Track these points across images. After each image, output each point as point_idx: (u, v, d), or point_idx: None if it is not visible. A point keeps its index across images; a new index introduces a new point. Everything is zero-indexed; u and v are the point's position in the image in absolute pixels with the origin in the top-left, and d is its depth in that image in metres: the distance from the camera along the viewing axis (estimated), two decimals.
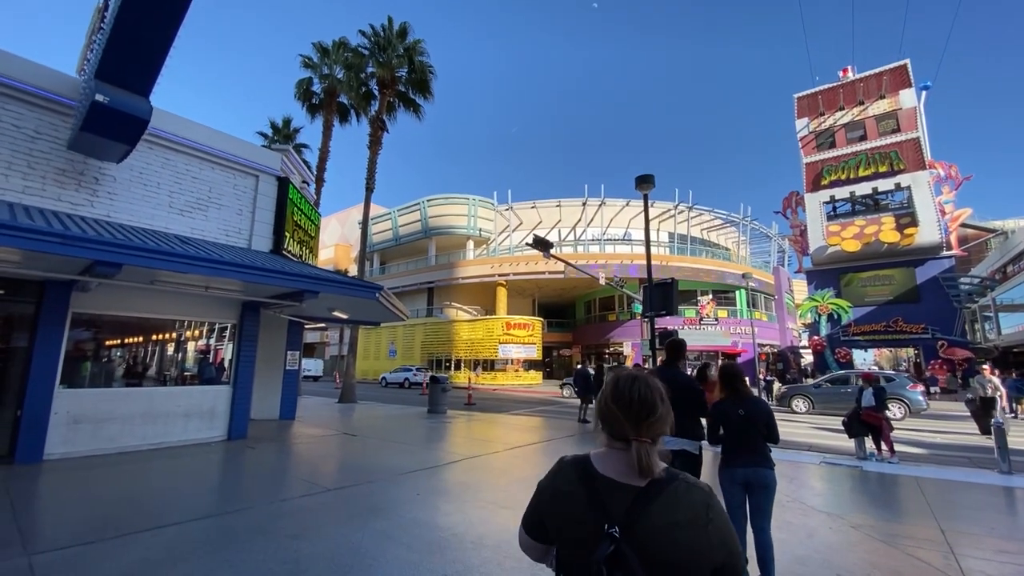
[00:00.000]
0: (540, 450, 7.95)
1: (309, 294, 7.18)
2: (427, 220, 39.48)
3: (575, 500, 1.04)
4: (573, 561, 1.03)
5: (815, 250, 40.95)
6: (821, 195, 41.42)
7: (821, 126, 42.58)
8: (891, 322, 36.73)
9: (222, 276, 6.16)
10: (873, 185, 38.63)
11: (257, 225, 8.99)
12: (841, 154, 41.24)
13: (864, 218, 38.47)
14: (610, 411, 1.09)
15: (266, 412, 10.68)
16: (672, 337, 3.89)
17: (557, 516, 1.08)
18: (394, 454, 7.31)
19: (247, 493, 5.09)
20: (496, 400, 20.32)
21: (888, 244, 37.02)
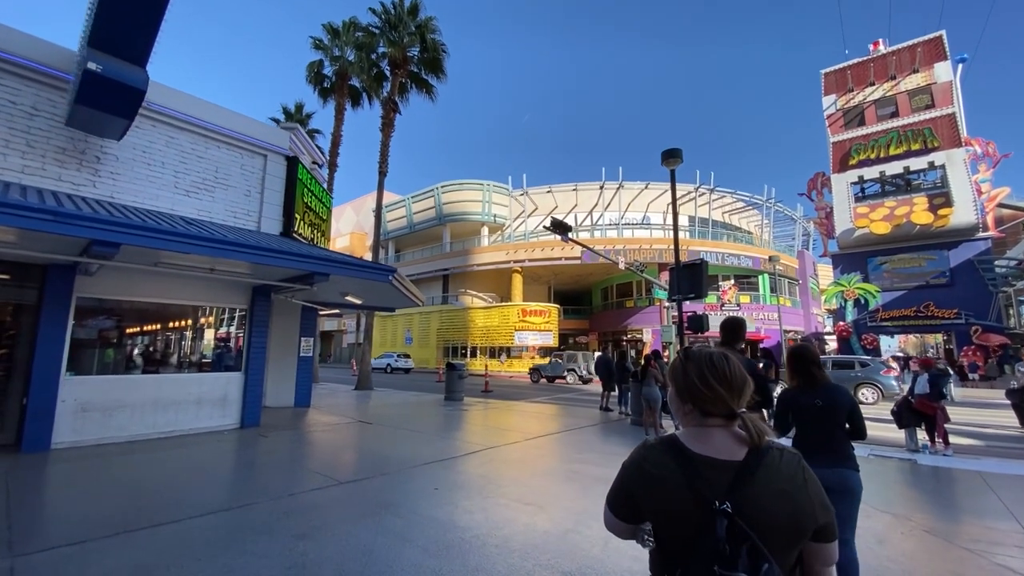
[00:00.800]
0: (562, 440, 7.53)
1: (319, 276, 6.81)
2: (441, 207, 39.05)
3: (673, 483, 1.04)
4: (677, 537, 1.04)
5: (842, 233, 39.44)
6: (849, 175, 39.77)
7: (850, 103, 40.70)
8: (922, 307, 35.31)
9: (226, 257, 5.81)
10: (905, 164, 36.88)
11: (266, 207, 8.65)
12: (871, 132, 39.45)
13: (895, 199, 36.84)
14: (707, 389, 1.09)
15: (280, 399, 10.48)
16: (731, 318, 3.35)
17: (654, 499, 1.07)
18: (410, 444, 6.98)
19: (254, 486, 4.78)
20: (513, 387, 20.00)
21: (920, 226, 35.43)
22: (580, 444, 7.17)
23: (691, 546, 0.99)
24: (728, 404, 1.08)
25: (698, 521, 0.99)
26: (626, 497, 1.13)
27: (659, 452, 1.10)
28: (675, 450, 1.08)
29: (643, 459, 1.11)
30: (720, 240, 36.20)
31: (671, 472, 1.05)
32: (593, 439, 7.69)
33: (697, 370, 1.12)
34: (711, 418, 1.10)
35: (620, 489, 1.15)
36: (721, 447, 1.06)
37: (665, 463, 1.07)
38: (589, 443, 7.30)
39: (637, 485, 1.10)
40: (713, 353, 1.15)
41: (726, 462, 1.04)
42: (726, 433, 1.09)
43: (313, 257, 6.53)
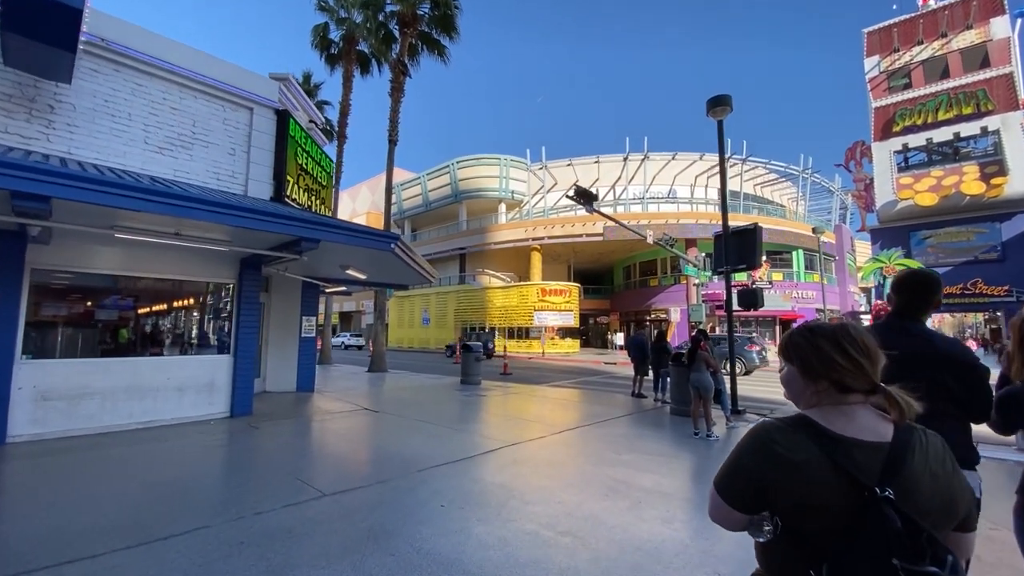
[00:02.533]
0: (594, 435, 6.42)
1: (308, 243, 5.75)
2: (457, 183, 37.73)
3: (816, 468, 0.94)
4: (821, 529, 0.93)
5: (882, 206, 36.85)
6: (892, 143, 36.93)
7: (895, 64, 37.53)
8: (969, 284, 32.91)
9: (189, 216, 4.77)
10: (954, 130, 33.97)
11: (253, 168, 7.59)
12: (918, 95, 36.37)
13: (942, 168, 34.10)
14: (848, 361, 1.00)
15: (281, 384, 9.63)
16: (917, 272, 2.05)
17: (793, 488, 0.95)
18: (417, 439, 5.97)
19: (217, 499, 3.82)
20: (533, 369, 18.99)
21: (970, 197, 32.76)
22: (617, 440, 6.05)
23: (842, 538, 0.89)
24: (871, 377, 1.01)
25: (850, 511, 0.90)
26: (749, 485, 1.02)
27: (791, 434, 0.99)
28: (813, 431, 0.99)
29: (771, 441, 1.00)
30: (751, 214, 34.05)
31: (812, 456, 0.95)
32: (631, 433, 6.56)
33: (832, 342, 1.02)
34: (851, 394, 1.02)
35: (740, 476, 1.04)
36: (866, 426, 0.98)
37: (803, 446, 0.96)
38: (627, 439, 6.17)
39: (768, 472, 0.98)
40: (845, 323, 1.06)
41: (874, 443, 0.96)
42: (868, 411, 1.02)
43: (297, 220, 5.45)
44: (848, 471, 0.91)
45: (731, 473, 1.06)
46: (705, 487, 4.34)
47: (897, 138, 36.78)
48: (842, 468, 0.92)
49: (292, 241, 5.88)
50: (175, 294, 7.03)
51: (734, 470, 1.05)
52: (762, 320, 31.55)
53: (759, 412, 8.65)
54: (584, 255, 37.84)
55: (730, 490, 1.05)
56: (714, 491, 1.08)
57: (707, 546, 3.09)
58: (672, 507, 3.79)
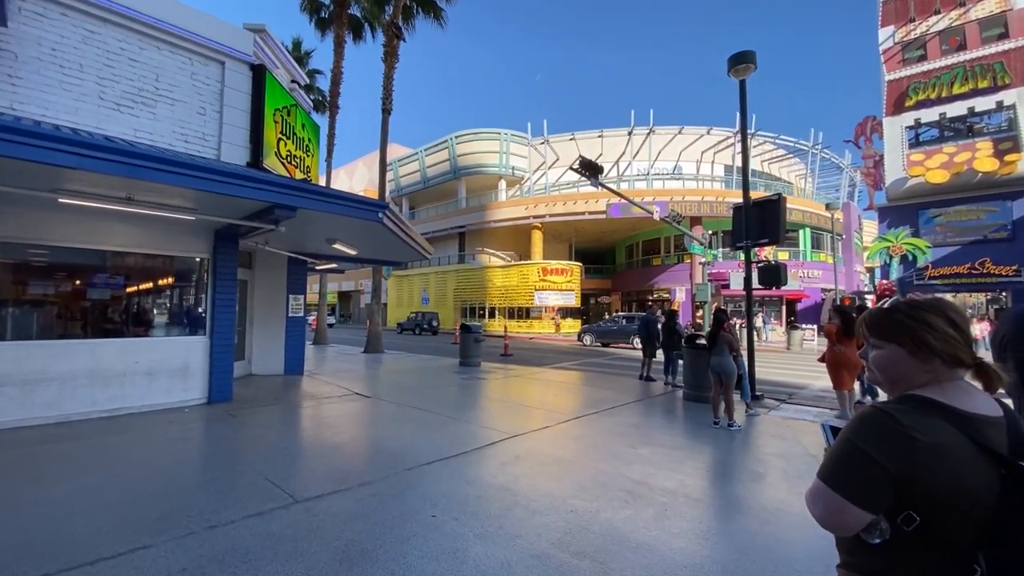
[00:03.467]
0: (604, 424, 5.85)
1: (282, 211, 5.07)
2: (456, 159, 36.60)
3: (962, 451, 0.85)
4: (966, 521, 0.84)
5: (892, 183, 35.93)
6: (904, 118, 35.77)
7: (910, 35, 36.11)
8: (977, 263, 32.32)
9: (140, 177, 4.08)
10: (969, 104, 32.84)
11: (227, 130, 6.83)
12: (932, 68, 35.07)
13: (954, 144, 33.08)
14: (961, 335, 0.95)
15: (268, 366, 9.06)
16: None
17: (942, 476, 0.85)
18: (409, 429, 5.40)
19: (169, 505, 3.24)
20: (534, 350, 18.47)
21: (983, 174, 31.88)
22: (630, 431, 5.48)
23: (991, 527, 0.83)
24: (973, 348, 0.95)
25: (993, 495, 0.83)
26: (882, 477, 0.88)
27: (921, 416, 0.90)
28: (942, 411, 0.90)
29: (900, 426, 0.88)
30: (758, 191, 33.09)
31: (954, 438, 0.86)
32: (644, 422, 6.00)
33: (943, 317, 0.95)
34: (961, 369, 0.95)
35: (869, 467, 0.89)
36: (984, 402, 0.93)
37: (939, 428, 0.87)
38: (641, 429, 5.60)
39: (908, 460, 0.86)
40: (939, 297, 1.03)
41: (996, 419, 0.91)
42: (972, 385, 0.96)
43: (267, 183, 4.75)
44: (993, 450, 0.85)
45: (853, 466, 0.92)
46: (737, 488, 3.77)
47: (909, 113, 35.64)
48: (985, 448, 0.85)
49: (265, 209, 5.20)
50: (141, 269, 6.36)
51: (857, 462, 0.92)
52: (768, 300, 30.94)
53: (776, 396, 8.10)
54: (586, 234, 37.02)
55: (855, 485, 0.91)
56: (826, 489, 0.94)
57: (757, 570, 2.52)
58: (705, 516, 3.22)
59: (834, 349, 6.29)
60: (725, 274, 29.67)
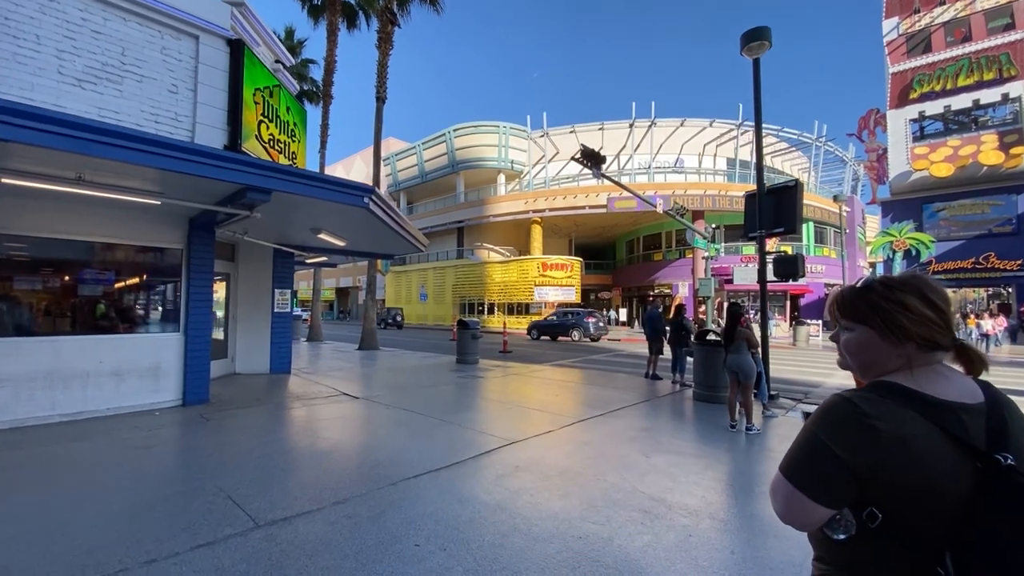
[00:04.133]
0: (611, 428, 5.38)
1: (255, 194, 4.56)
2: (454, 152, 36.01)
3: (929, 443, 0.78)
4: (933, 516, 0.77)
5: (896, 177, 35.50)
6: (908, 111, 35.39)
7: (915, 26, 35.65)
8: (981, 258, 32.08)
9: (88, 152, 3.58)
10: (974, 97, 32.52)
11: (202, 110, 6.30)
12: (937, 60, 34.67)
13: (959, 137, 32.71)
14: (938, 314, 0.85)
15: (252, 364, 8.57)
16: None
17: (906, 471, 0.77)
18: (399, 434, 4.92)
19: (105, 536, 2.74)
20: (534, 347, 18.00)
21: (988, 167, 31.55)
22: (639, 436, 5.00)
23: (960, 524, 0.75)
24: (953, 330, 0.87)
25: (966, 489, 0.75)
26: (842, 472, 0.81)
27: (885, 404, 0.82)
28: (909, 398, 0.82)
29: (862, 415, 0.81)
30: None
31: (921, 429, 0.79)
32: (654, 426, 5.52)
33: (920, 296, 0.86)
34: (938, 352, 0.87)
35: (826, 461, 0.82)
36: (961, 387, 0.85)
37: (906, 418, 0.80)
38: (652, 434, 5.12)
39: (869, 454, 0.79)
40: (918, 274, 0.91)
41: (975, 406, 0.82)
42: (952, 369, 0.88)
43: (235, 161, 4.25)
44: (965, 442, 0.78)
45: (812, 458, 0.84)
46: (766, 505, 3.29)
47: (914, 105, 35.23)
48: (957, 439, 0.78)
49: (237, 192, 4.69)
50: (108, 261, 5.85)
51: (816, 454, 0.84)
52: (772, 295, 30.49)
53: (790, 395, 7.64)
54: (586, 228, 36.52)
55: (813, 480, 0.83)
56: (785, 482, 0.86)
57: None
58: (736, 543, 2.75)
59: None
60: (728, 268, 29.20)
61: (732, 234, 31.18)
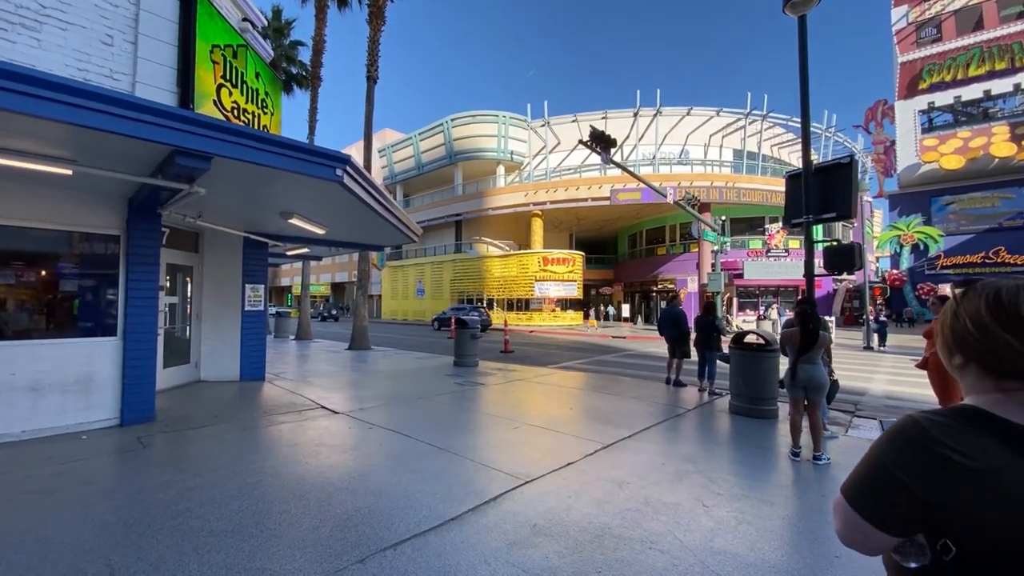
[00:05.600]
0: (646, 458, 4.34)
1: (189, 160, 3.48)
2: (451, 143, 34.80)
3: (1012, 478, 0.68)
4: (1010, 561, 0.68)
5: (904, 169, 34.55)
6: (917, 102, 34.45)
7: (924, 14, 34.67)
8: (991, 252, 31.31)
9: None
10: (985, 87, 31.62)
11: (144, 66, 5.19)
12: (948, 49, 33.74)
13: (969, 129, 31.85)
14: (1003, 339, 0.74)
15: (220, 371, 7.49)
16: None
17: (982, 506, 0.69)
18: (381, 471, 3.87)
19: None
20: (537, 345, 16.97)
21: (1000, 159, 30.71)
22: (686, 468, 3.97)
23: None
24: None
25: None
26: (907, 502, 0.75)
27: (963, 433, 0.73)
28: (999, 427, 0.73)
29: (933, 443, 0.74)
30: (766, 176, 31.48)
31: (1005, 462, 0.69)
32: (699, 454, 4.48)
33: (989, 310, 0.76)
34: (1009, 380, 0.76)
35: (892, 489, 0.76)
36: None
37: (987, 449, 0.71)
38: (700, 466, 4.08)
39: (937, 486, 0.72)
40: (1009, 288, 0.78)
41: None
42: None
43: (156, 114, 3.16)
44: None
45: (874, 482, 0.79)
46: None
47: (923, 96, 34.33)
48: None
49: (169, 158, 3.60)
50: (22, 252, 4.76)
51: (879, 479, 0.78)
52: (783, 289, 29.56)
53: (839, 407, 6.63)
54: (587, 222, 35.44)
55: (876, 507, 0.78)
56: (846, 505, 0.81)
57: None
58: None
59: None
60: (736, 263, 28.22)
61: (739, 227, 30.21)
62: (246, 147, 3.55)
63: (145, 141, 3.19)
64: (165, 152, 3.54)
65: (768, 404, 5.85)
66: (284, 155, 3.80)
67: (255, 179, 4.50)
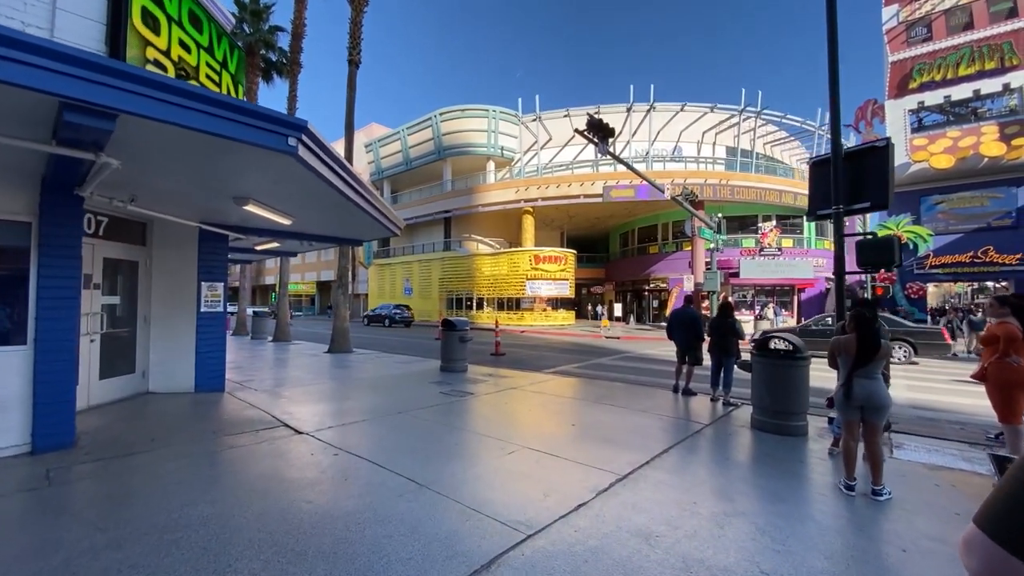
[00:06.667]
0: (674, 496, 3.58)
1: (79, 115, 2.62)
2: (440, 138, 33.85)
3: None
4: None
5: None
6: (907, 101, 34.40)
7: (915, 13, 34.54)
8: (979, 252, 31.31)
9: None
10: (975, 87, 31.61)
11: (64, 19, 4.28)
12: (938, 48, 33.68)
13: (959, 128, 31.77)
14: None
15: (171, 381, 6.56)
16: None
17: None
18: (341, 519, 3.05)
19: None
20: (529, 347, 16.19)
21: (989, 159, 30.70)
22: (721, 508, 3.22)
23: None
24: None
25: None
26: None
27: None
28: None
29: None
30: (759, 174, 31.07)
31: None
32: (732, 486, 3.73)
33: None
34: None
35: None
36: None
37: None
38: (739, 505, 3.34)
39: None
40: None
41: None
42: None
43: (32, 49, 2.30)
44: None
45: (1013, 511, 0.69)
46: None
47: (913, 95, 34.20)
48: None
49: (58, 116, 2.74)
50: None
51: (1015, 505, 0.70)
52: (779, 289, 29.16)
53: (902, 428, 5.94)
54: (579, 220, 34.77)
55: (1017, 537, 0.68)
56: (987, 541, 0.71)
57: None
58: None
59: (1005, 362, 4.13)
60: (731, 262, 27.75)
61: (731, 226, 29.79)
62: (158, 102, 2.69)
63: (9, 86, 2.32)
64: (52, 106, 2.68)
65: (798, 419, 5.14)
66: (215, 115, 2.95)
67: (192, 152, 3.64)
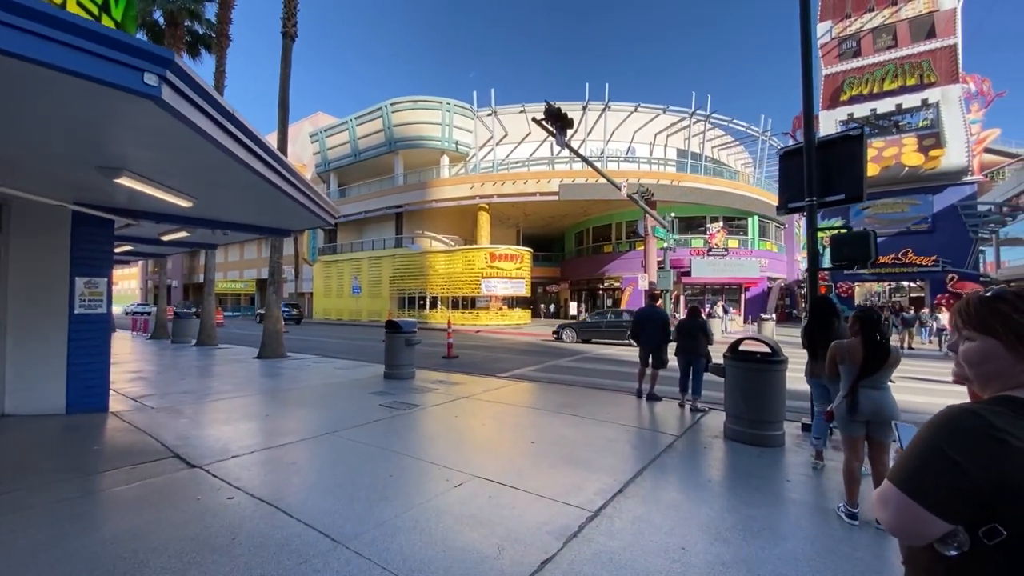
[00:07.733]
0: (657, 538, 2.96)
1: None
2: (392, 129, 32.31)
3: None
4: None
5: None
6: (838, 113, 36.74)
7: (846, 30, 36.86)
8: (900, 254, 33.85)
9: None
10: (897, 101, 34.14)
11: None
12: (866, 64, 36.08)
13: (883, 139, 34.24)
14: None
15: (34, 401, 5.23)
16: None
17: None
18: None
19: None
20: (484, 348, 15.42)
21: (909, 168, 33.27)
22: (720, 558, 2.63)
23: None
24: None
25: None
26: (968, 487, 0.77)
27: (1014, 418, 0.78)
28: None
29: (993, 430, 0.77)
30: (709, 176, 31.97)
31: None
32: (726, 522, 3.16)
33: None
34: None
35: (951, 474, 0.78)
36: None
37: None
38: (748, 559, 2.75)
39: (999, 471, 0.75)
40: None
41: None
42: None
43: None
44: None
45: (933, 469, 0.79)
46: None
47: (844, 107, 36.39)
48: None
49: None
50: None
51: (937, 465, 0.79)
52: (728, 288, 30.02)
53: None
54: (535, 218, 34.38)
55: (935, 493, 0.78)
56: (899, 494, 0.82)
57: None
58: None
59: None
60: (683, 261, 28.26)
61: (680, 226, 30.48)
62: None
63: None
64: None
65: (774, 428, 4.71)
66: (16, 27, 1.97)
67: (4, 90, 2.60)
